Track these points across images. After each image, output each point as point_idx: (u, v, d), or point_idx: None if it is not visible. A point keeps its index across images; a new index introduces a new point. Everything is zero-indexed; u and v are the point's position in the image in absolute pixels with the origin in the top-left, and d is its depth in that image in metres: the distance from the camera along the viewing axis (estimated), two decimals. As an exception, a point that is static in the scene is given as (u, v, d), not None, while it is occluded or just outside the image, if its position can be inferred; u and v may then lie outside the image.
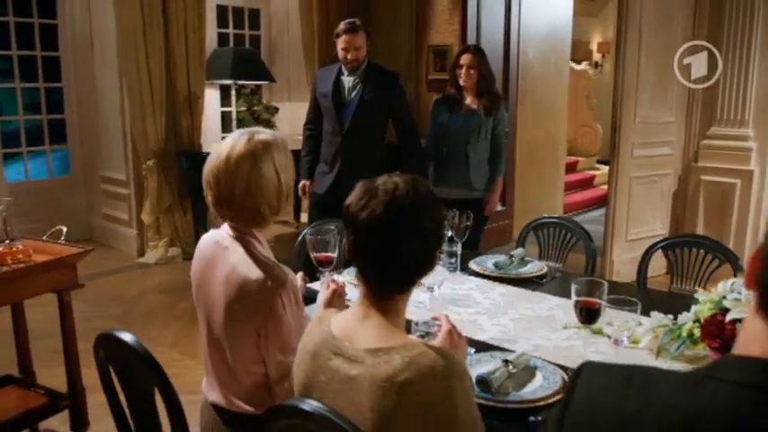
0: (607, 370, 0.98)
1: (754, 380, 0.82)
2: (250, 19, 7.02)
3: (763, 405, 0.80)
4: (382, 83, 3.89)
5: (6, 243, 2.58)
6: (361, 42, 3.75)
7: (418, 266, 1.32)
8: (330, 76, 3.90)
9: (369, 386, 1.21)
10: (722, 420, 0.80)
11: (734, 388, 0.82)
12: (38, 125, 5.79)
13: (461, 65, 3.74)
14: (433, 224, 1.31)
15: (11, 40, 5.44)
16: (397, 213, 1.26)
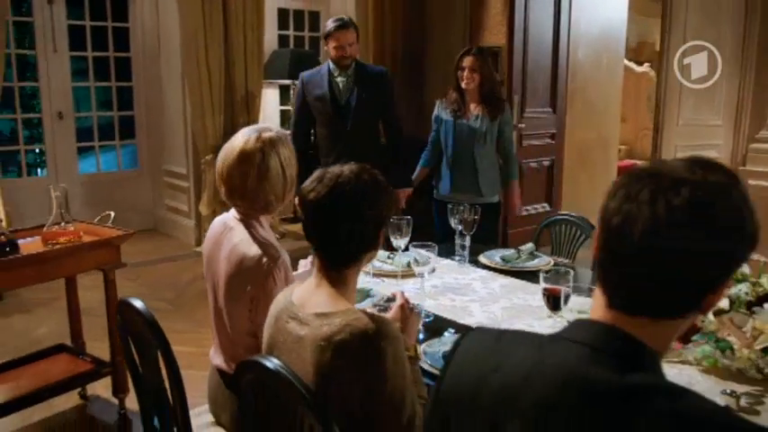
0: (486, 332, 1.12)
1: (588, 339, 0.95)
2: (310, 21, 7.30)
3: (590, 359, 0.93)
4: (374, 81, 3.85)
5: (61, 225, 2.88)
6: (352, 39, 3.72)
7: (358, 246, 1.48)
8: (321, 79, 3.82)
9: (311, 345, 1.38)
10: (557, 369, 0.93)
11: (573, 345, 0.95)
12: (109, 121, 6.24)
13: (463, 67, 3.67)
14: (373, 210, 1.47)
15: (87, 42, 5.89)
16: (337, 197, 1.43)
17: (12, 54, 5.48)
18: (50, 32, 5.60)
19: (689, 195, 0.90)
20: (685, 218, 0.90)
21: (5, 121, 5.97)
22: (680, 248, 0.90)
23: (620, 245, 0.94)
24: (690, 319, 1.00)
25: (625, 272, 0.95)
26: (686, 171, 0.93)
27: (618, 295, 0.97)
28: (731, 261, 0.95)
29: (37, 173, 6.48)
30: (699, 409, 0.88)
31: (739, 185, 0.96)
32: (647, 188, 0.92)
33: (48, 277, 2.82)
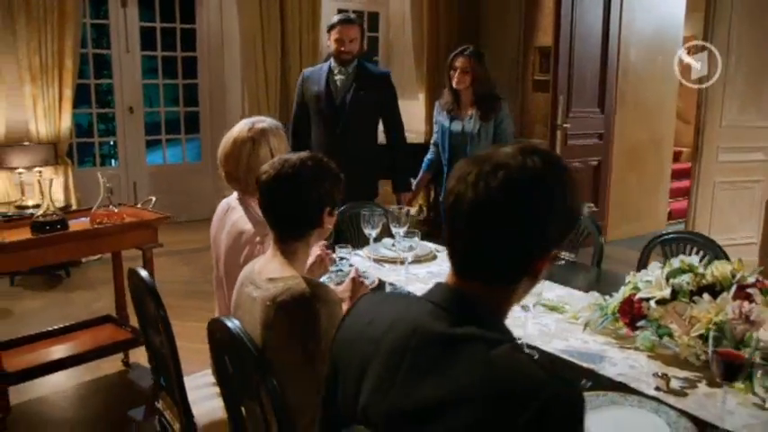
0: (376, 295, 1.29)
1: (435, 298, 1.12)
2: (369, 22, 7.51)
3: (433, 314, 1.09)
4: (375, 82, 3.81)
5: (109, 207, 3.22)
6: (355, 35, 3.69)
7: (301, 224, 1.69)
8: (320, 76, 3.79)
9: (260, 305, 1.59)
10: (410, 321, 1.11)
11: (426, 303, 1.12)
12: (176, 117, 6.68)
13: (455, 67, 3.61)
14: (312, 192, 1.67)
15: (157, 42, 6.33)
16: (280, 180, 1.64)
17: (89, 53, 5.97)
18: (124, 34, 6.06)
19: (503, 178, 1.05)
20: (500, 197, 1.05)
21: (84, 115, 6.48)
22: (497, 224, 1.06)
23: (454, 220, 1.10)
24: (524, 285, 1.14)
25: (460, 243, 1.11)
26: (509, 157, 1.08)
27: (457, 263, 1.13)
28: (545, 235, 1.09)
29: (111, 163, 6.99)
30: (508, 358, 1.02)
31: (556, 170, 1.09)
32: (474, 171, 1.08)
33: (92, 252, 3.18)
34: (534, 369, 1.01)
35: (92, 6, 6.13)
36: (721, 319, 1.66)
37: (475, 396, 1.01)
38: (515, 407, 0.96)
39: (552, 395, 0.97)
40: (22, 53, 4.90)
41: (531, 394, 0.97)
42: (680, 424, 1.46)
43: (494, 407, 0.99)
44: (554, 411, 0.96)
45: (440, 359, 1.06)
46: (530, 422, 0.95)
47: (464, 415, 1.01)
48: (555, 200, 1.08)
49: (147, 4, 6.21)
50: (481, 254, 1.10)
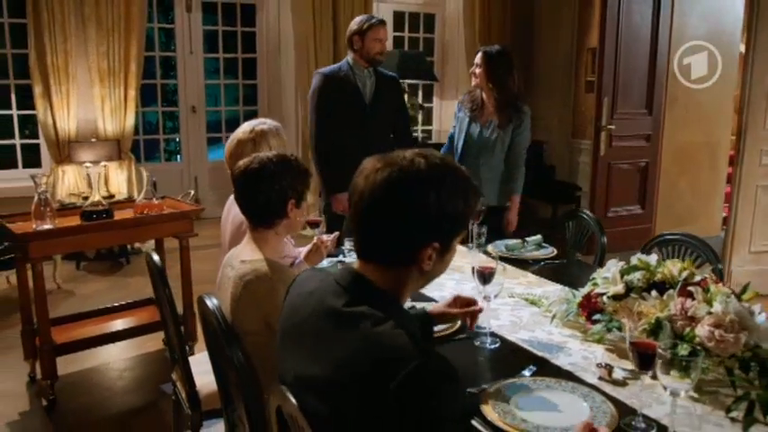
0: (312, 270, 1.47)
1: (338, 278, 1.30)
2: (425, 23, 7.66)
3: (334, 291, 1.28)
4: (390, 85, 3.86)
5: (152, 200, 3.52)
6: (385, 35, 3.71)
7: (266, 213, 1.88)
8: (346, 78, 3.73)
9: (232, 282, 1.81)
10: (318, 295, 1.30)
11: (332, 282, 1.30)
12: (235, 115, 7.04)
13: (473, 63, 3.64)
14: (275, 185, 1.85)
15: (219, 45, 6.71)
16: (246, 174, 1.85)
17: (156, 56, 6.41)
18: (188, 37, 6.45)
19: (387, 176, 1.21)
20: (382, 193, 1.21)
21: (153, 113, 6.93)
22: (382, 215, 1.23)
23: (353, 211, 1.27)
24: (415, 271, 1.29)
25: (358, 231, 1.28)
26: (401, 158, 1.24)
27: (357, 249, 1.30)
28: (424, 228, 1.24)
29: (177, 159, 7.42)
30: (387, 333, 1.18)
31: (436, 173, 1.24)
32: (370, 169, 1.24)
33: (134, 239, 3.49)
34: (407, 343, 1.16)
35: (161, 12, 6.56)
36: (665, 315, 1.74)
37: (357, 364, 1.17)
38: (387, 374, 1.12)
39: (418, 365, 1.12)
40: (93, 58, 5.34)
41: (400, 363, 1.12)
42: (601, 408, 1.56)
43: (370, 374, 1.15)
44: (418, 379, 1.11)
45: (333, 332, 1.23)
46: (398, 387, 1.11)
47: (349, 381, 1.18)
48: (430, 198, 1.23)
49: (210, 8, 6.58)
50: (372, 241, 1.27)
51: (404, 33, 7.55)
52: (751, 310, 1.69)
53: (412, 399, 1.11)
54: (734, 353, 1.65)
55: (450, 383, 1.14)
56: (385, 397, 1.12)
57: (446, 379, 1.14)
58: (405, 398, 1.11)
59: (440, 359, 1.17)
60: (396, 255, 1.28)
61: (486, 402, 1.58)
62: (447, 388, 1.14)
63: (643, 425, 1.52)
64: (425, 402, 1.12)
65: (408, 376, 1.11)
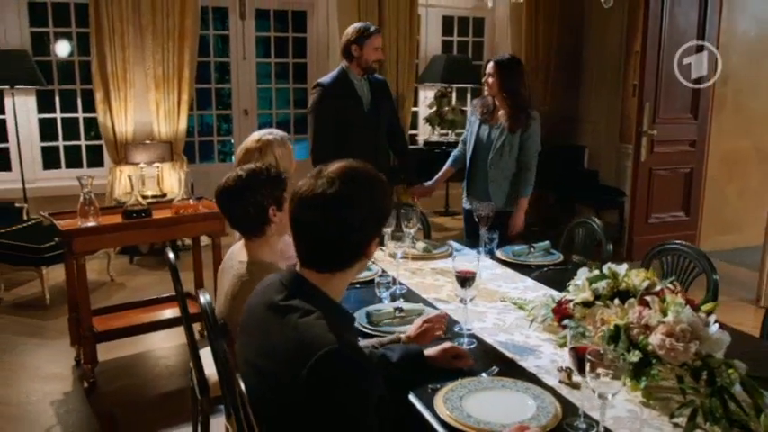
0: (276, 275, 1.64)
1: (284, 277, 1.46)
2: (474, 27, 7.73)
3: (278, 288, 1.44)
4: (383, 90, 3.95)
5: (187, 200, 3.78)
6: (381, 44, 3.80)
7: (250, 221, 2.04)
8: (346, 86, 3.81)
9: (231, 280, 2.01)
10: (267, 291, 1.46)
11: (278, 280, 1.46)
12: (286, 119, 7.31)
13: (485, 72, 3.71)
14: (251, 197, 2.04)
15: (271, 50, 6.98)
16: (224, 192, 2.05)
17: (212, 62, 6.74)
18: (242, 43, 6.74)
19: (314, 194, 1.37)
20: (310, 217, 1.38)
21: (209, 116, 7.27)
22: (309, 229, 1.40)
23: (291, 220, 1.42)
24: (339, 275, 1.44)
25: (297, 238, 1.43)
26: (325, 177, 1.38)
27: (297, 253, 1.44)
28: (346, 241, 1.39)
29: (231, 159, 7.74)
30: (309, 323, 1.33)
31: (350, 193, 1.40)
32: (304, 187, 1.39)
33: (171, 236, 3.75)
34: (324, 333, 1.31)
35: (217, 19, 6.89)
36: (623, 323, 1.81)
37: (283, 351, 1.33)
38: (302, 359, 1.27)
39: (327, 352, 1.26)
40: (149, 64, 5.69)
41: (312, 350, 1.27)
42: (547, 409, 1.66)
43: (291, 359, 1.30)
44: (326, 365, 1.26)
45: (270, 322, 1.39)
46: (309, 371, 1.26)
47: (276, 366, 1.34)
48: (349, 217, 1.39)
49: (263, 15, 6.86)
50: (304, 248, 1.42)
51: (452, 38, 7.64)
52: (705, 321, 1.75)
53: (319, 384, 1.26)
54: (684, 361, 1.70)
55: (358, 373, 1.28)
56: (299, 382, 1.26)
57: (354, 368, 1.28)
58: (313, 383, 1.26)
59: (352, 350, 1.31)
60: (326, 261, 1.43)
61: (440, 398, 1.70)
62: (354, 376, 1.27)
63: (584, 425, 1.61)
64: (331, 388, 1.26)
65: (317, 362, 1.26)
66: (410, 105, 6.78)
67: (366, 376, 1.31)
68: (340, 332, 1.33)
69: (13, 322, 4.36)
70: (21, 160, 5.57)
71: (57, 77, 6.03)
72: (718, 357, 1.71)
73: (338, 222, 1.39)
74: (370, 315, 2.25)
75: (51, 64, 5.97)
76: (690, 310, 1.74)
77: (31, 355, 3.88)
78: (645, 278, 1.91)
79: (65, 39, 6.09)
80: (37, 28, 5.87)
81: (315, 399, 1.27)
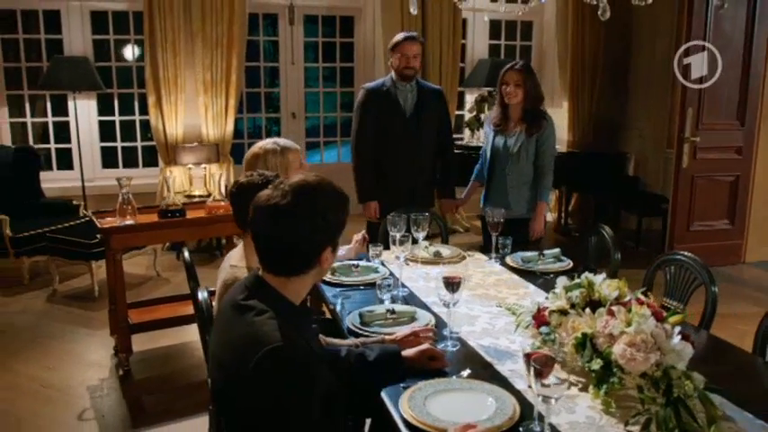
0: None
1: (247, 280, 1.59)
2: (522, 30, 7.71)
3: (241, 289, 1.57)
4: (433, 98, 4.06)
5: (220, 200, 3.98)
6: (417, 51, 3.91)
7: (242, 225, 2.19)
8: (387, 92, 3.97)
9: (219, 281, 2.14)
10: (232, 292, 1.59)
11: (242, 282, 1.59)
12: (333, 122, 7.49)
13: (506, 82, 3.66)
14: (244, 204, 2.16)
15: (318, 55, 7.18)
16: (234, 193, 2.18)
17: (261, 66, 6.99)
18: (290, 48, 6.97)
19: (267, 205, 1.48)
20: (267, 229, 1.50)
21: (259, 119, 7.53)
22: (264, 238, 1.51)
23: (249, 228, 1.55)
24: (294, 280, 1.55)
25: (254, 244, 1.55)
26: (279, 190, 1.50)
27: (257, 257, 1.57)
28: (298, 249, 1.50)
29: (279, 161, 8.00)
30: (260, 322, 1.45)
31: (304, 203, 1.52)
32: (256, 203, 1.52)
33: (204, 235, 3.96)
34: (271, 331, 1.42)
35: (268, 25, 7.13)
36: (591, 332, 1.86)
37: (237, 347, 1.46)
38: (250, 354, 1.40)
39: (271, 349, 1.38)
40: (198, 70, 5.97)
41: (259, 346, 1.40)
42: (504, 410, 1.72)
43: (241, 354, 1.43)
44: (269, 361, 1.38)
45: (231, 319, 1.53)
46: (254, 366, 1.39)
47: (231, 361, 1.46)
48: (302, 226, 1.50)
49: (311, 20, 7.06)
50: (261, 254, 1.55)
51: (500, 42, 7.64)
52: (669, 333, 1.78)
53: (263, 378, 1.38)
54: (644, 371, 1.74)
55: (298, 370, 1.39)
56: (246, 375, 1.39)
57: (295, 365, 1.39)
58: (258, 377, 1.38)
59: (296, 348, 1.42)
60: (280, 267, 1.55)
61: (406, 396, 1.80)
62: (294, 373, 1.39)
63: (538, 429, 1.67)
64: (273, 383, 1.38)
65: (261, 357, 1.38)
66: (453, 109, 6.83)
67: (306, 374, 1.42)
68: (288, 332, 1.45)
69: (64, 312, 4.67)
70: (81, 160, 5.94)
71: (116, 82, 6.40)
72: (679, 368, 1.74)
73: (288, 233, 1.51)
74: (363, 316, 2.36)
75: (111, 69, 6.35)
76: (653, 321, 1.77)
77: (77, 342, 4.16)
78: (615, 288, 1.95)
79: (126, 45, 6.45)
80: (99, 35, 6.25)
81: (259, 392, 1.40)
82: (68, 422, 3.22)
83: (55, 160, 6.44)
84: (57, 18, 6.13)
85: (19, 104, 6.27)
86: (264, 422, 1.42)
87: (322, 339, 2.18)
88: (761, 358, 2.23)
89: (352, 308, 2.50)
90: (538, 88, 3.72)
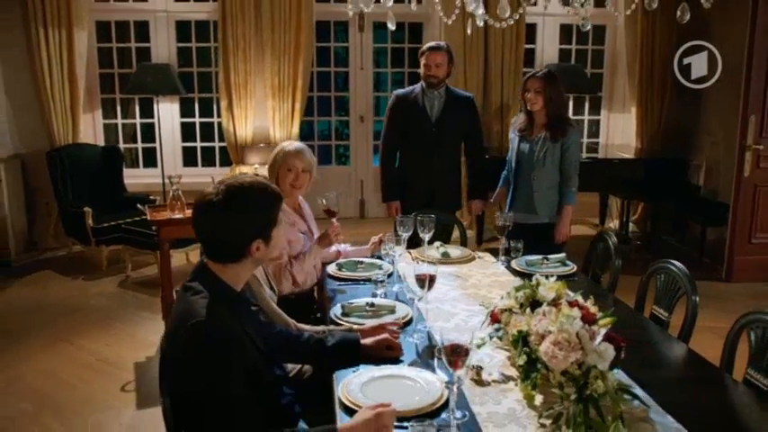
0: None
1: (196, 265, 1.81)
2: (594, 35, 7.58)
3: (191, 273, 1.79)
4: (462, 105, 4.19)
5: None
6: (441, 60, 4.07)
7: None
8: (415, 98, 4.19)
9: None
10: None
11: (193, 268, 1.82)
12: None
13: (527, 89, 3.74)
14: None
15: (387, 60, 7.41)
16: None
17: (332, 72, 7.31)
18: (359, 54, 7.24)
19: (202, 200, 1.70)
20: (200, 220, 1.71)
21: (325, 122, 7.85)
22: (200, 229, 1.73)
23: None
24: (231, 266, 1.76)
25: (196, 236, 1.78)
26: (216, 186, 1.71)
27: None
28: (225, 239, 1.71)
29: (349, 163, 8.27)
30: (192, 301, 1.67)
31: (234, 199, 1.72)
32: (209, 189, 1.74)
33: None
34: (199, 308, 1.65)
35: (341, 32, 7.44)
36: (525, 330, 1.97)
37: (174, 321, 1.70)
38: (180, 328, 1.63)
39: (194, 323, 1.61)
40: (267, 75, 6.36)
41: (187, 321, 1.62)
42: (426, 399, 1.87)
43: (175, 328, 1.67)
44: (192, 334, 1.61)
45: (178, 298, 1.76)
46: (183, 341, 1.62)
47: (169, 334, 1.71)
48: (229, 219, 1.71)
49: (381, 26, 7.31)
50: (201, 243, 1.77)
51: (571, 46, 7.57)
52: (593, 334, 1.86)
53: (188, 349, 1.60)
54: (566, 369, 1.83)
55: (218, 344, 1.60)
56: (176, 346, 1.62)
57: (215, 339, 1.61)
58: (184, 348, 1.60)
59: (219, 324, 1.64)
60: (215, 255, 1.78)
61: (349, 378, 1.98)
62: (214, 346, 1.60)
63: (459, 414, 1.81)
64: (195, 355, 1.60)
65: (186, 330, 1.61)
66: (515, 114, 6.86)
67: (224, 348, 1.63)
68: (216, 310, 1.67)
69: (133, 297, 5.16)
70: (162, 158, 6.47)
71: (197, 86, 6.91)
72: (599, 369, 1.82)
73: (218, 226, 1.74)
74: (344, 307, 2.55)
75: (193, 74, 6.87)
76: (579, 323, 1.86)
77: (138, 325, 4.60)
78: (554, 290, 2.04)
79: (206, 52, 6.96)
80: (182, 43, 6.78)
81: (183, 363, 1.63)
82: (112, 392, 3.61)
83: (141, 158, 7.05)
84: (146, 28, 6.71)
85: (112, 107, 6.91)
86: (190, 392, 1.64)
87: (293, 325, 2.40)
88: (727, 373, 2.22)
89: (341, 300, 2.70)
90: (560, 96, 3.77)
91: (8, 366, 3.91)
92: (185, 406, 1.68)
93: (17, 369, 3.88)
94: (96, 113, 6.75)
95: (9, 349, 4.15)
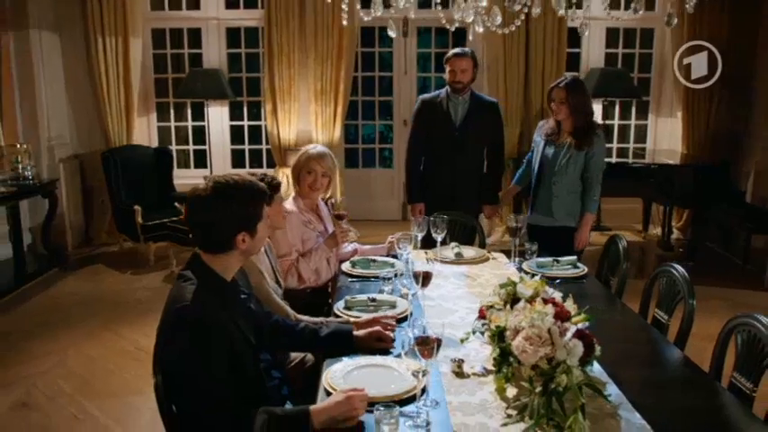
0: None
1: (191, 257, 1.95)
2: (642, 38, 7.47)
3: (187, 263, 1.93)
4: (486, 110, 4.28)
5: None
6: (465, 66, 4.14)
7: None
8: (440, 102, 4.27)
9: None
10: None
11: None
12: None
13: (552, 99, 3.78)
14: None
15: (431, 65, 7.50)
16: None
17: (376, 76, 7.46)
18: (403, 59, 7.37)
19: (194, 195, 1.85)
20: (192, 212, 1.86)
21: (370, 126, 7.99)
22: (191, 222, 1.87)
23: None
24: (221, 257, 1.90)
25: (190, 231, 1.93)
26: (205, 183, 1.86)
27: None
28: (213, 231, 1.85)
29: (392, 165, 8.39)
30: (183, 287, 1.82)
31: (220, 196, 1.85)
32: (202, 184, 1.89)
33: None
34: (186, 294, 1.80)
35: (380, 38, 7.57)
36: (503, 325, 2.05)
37: (167, 307, 1.85)
38: (170, 312, 1.79)
39: (180, 308, 1.76)
40: (310, 80, 6.56)
41: (174, 305, 1.78)
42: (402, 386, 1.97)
43: (166, 313, 1.82)
44: (178, 317, 1.76)
45: (173, 288, 1.92)
46: (171, 321, 1.77)
47: (162, 319, 1.86)
48: (215, 212, 1.85)
49: (424, 32, 7.41)
50: (196, 236, 1.92)
51: (617, 50, 7.47)
52: (563, 330, 1.92)
53: (174, 331, 1.75)
54: (536, 363, 1.90)
55: (201, 328, 1.74)
56: (166, 328, 1.78)
57: (198, 324, 1.75)
58: (172, 330, 1.76)
59: (203, 309, 1.78)
60: (206, 247, 1.92)
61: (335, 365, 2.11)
62: (196, 331, 1.74)
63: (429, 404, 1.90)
64: (180, 337, 1.75)
65: (173, 313, 1.76)
66: (557, 118, 6.84)
67: (207, 333, 1.76)
68: (204, 297, 1.82)
69: (176, 290, 5.42)
70: (211, 160, 6.77)
71: (246, 91, 7.19)
72: (569, 364, 1.88)
73: (204, 218, 1.89)
74: (347, 301, 2.67)
75: (242, 79, 7.15)
76: (550, 319, 1.92)
77: (178, 316, 4.84)
78: (532, 287, 2.10)
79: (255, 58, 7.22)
80: (232, 49, 7.06)
81: (170, 343, 1.78)
82: (146, 378, 3.81)
83: (192, 160, 7.37)
84: (198, 35, 7.03)
85: (166, 111, 7.26)
86: (175, 371, 1.79)
87: (293, 315, 2.54)
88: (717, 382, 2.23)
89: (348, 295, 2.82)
90: (584, 105, 3.78)
91: (55, 351, 4.21)
92: (173, 384, 1.83)
93: (63, 354, 4.17)
94: (151, 116, 7.11)
95: (58, 335, 4.45)
